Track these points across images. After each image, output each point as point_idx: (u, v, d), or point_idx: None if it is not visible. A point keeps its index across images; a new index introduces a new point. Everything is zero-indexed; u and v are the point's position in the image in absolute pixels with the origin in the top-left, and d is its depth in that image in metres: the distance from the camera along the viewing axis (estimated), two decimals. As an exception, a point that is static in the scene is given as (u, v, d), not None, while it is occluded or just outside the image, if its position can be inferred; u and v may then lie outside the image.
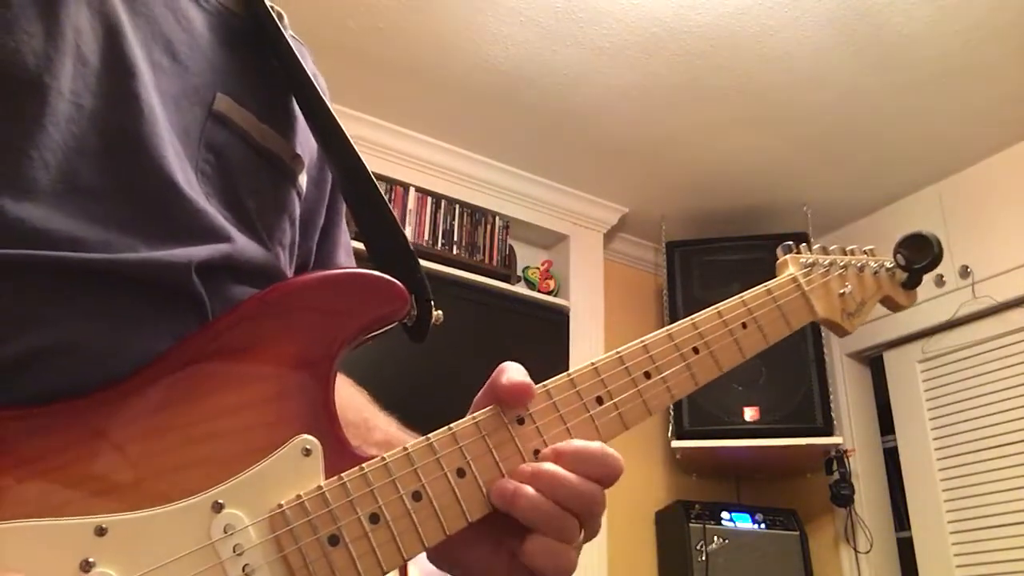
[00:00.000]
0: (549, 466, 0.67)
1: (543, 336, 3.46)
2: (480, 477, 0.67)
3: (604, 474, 0.67)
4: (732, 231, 3.83)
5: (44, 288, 0.59)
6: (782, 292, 0.90)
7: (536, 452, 0.69)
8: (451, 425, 0.68)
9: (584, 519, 0.67)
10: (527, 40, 2.92)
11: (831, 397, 3.52)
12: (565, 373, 0.73)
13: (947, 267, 3.42)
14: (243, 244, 0.71)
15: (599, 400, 0.73)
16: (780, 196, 3.73)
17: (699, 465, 3.82)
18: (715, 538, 3.37)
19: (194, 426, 0.60)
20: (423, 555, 0.73)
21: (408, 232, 3.34)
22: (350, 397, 0.89)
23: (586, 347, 3.51)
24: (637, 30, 2.86)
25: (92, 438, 0.57)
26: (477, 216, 3.60)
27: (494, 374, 0.70)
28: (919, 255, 1.01)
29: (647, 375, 0.76)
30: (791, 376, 3.54)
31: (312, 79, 0.80)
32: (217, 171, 0.73)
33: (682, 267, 3.79)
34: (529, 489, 0.65)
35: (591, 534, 0.69)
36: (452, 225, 3.51)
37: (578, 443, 0.68)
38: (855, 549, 3.55)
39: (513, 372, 0.70)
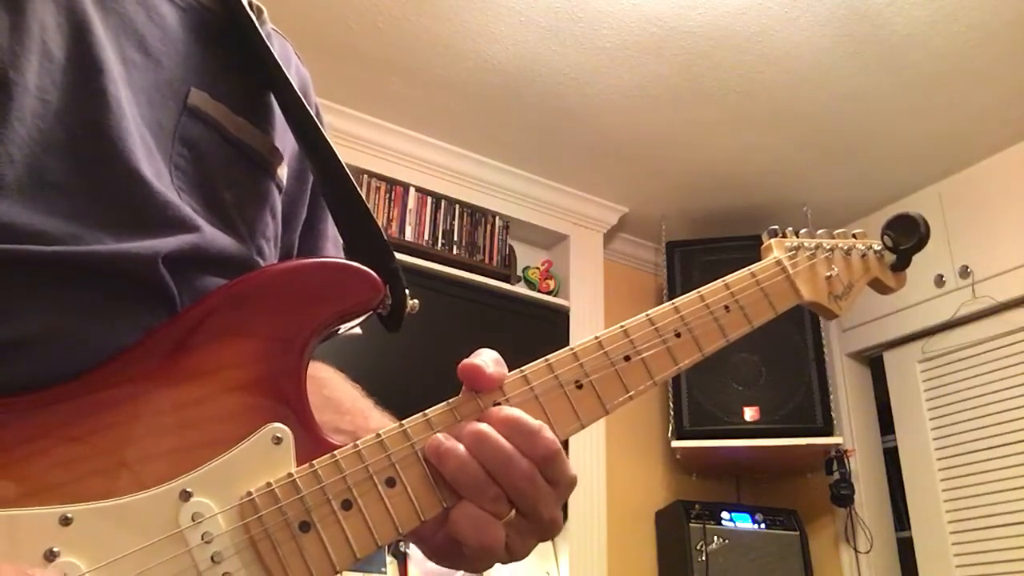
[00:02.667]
0: (482, 426, 0.66)
1: (543, 336, 3.45)
2: None
3: (533, 451, 0.65)
4: (732, 231, 3.82)
5: (11, 282, 0.60)
6: (766, 275, 0.89)
7: None
8: (426, 411, 0.68)
9: (513, 496, 0.65)
10: (527, 40, 2.92)
11: (831, 397, 3.51)
12: (543, 358, 0.73)
13: (947, 267, 3.41)
14: (213, 235, 0.71)
15: (577, 383, 0.73)
16: (780, 196, 3.73)
17: (699, 465, 3.81)
18: (715, 538, 3.37)
19: (162, 416, 0.61)
20: (423, 555, 0.73)
21: (408, 232, 3.34)
22: (344, 389, 0.89)
23: (586, 347, 3.50)
24: (637, 30, 2.86)
25: (58, 429, 0.58)
26: (477, 216, 3.60)
27: None
28: (906, 236, 1.00)
29: (627, 358, 0.76)
30: (791, 376, 3.53)
31: (285, 74, 0.80)
32: (192, 164, 0.73)
33: (682, 267, 3.79)
34: (460, 448, 0.65)
35: (538, 524, 0.67)
36: (452, 225, 3.51)
37: (517, 413, 0.67)
38: (855, 549, 3.55)
39: (474, 356, 0.70)
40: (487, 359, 0.70)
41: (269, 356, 0.65)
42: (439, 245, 3.42)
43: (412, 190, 3.44)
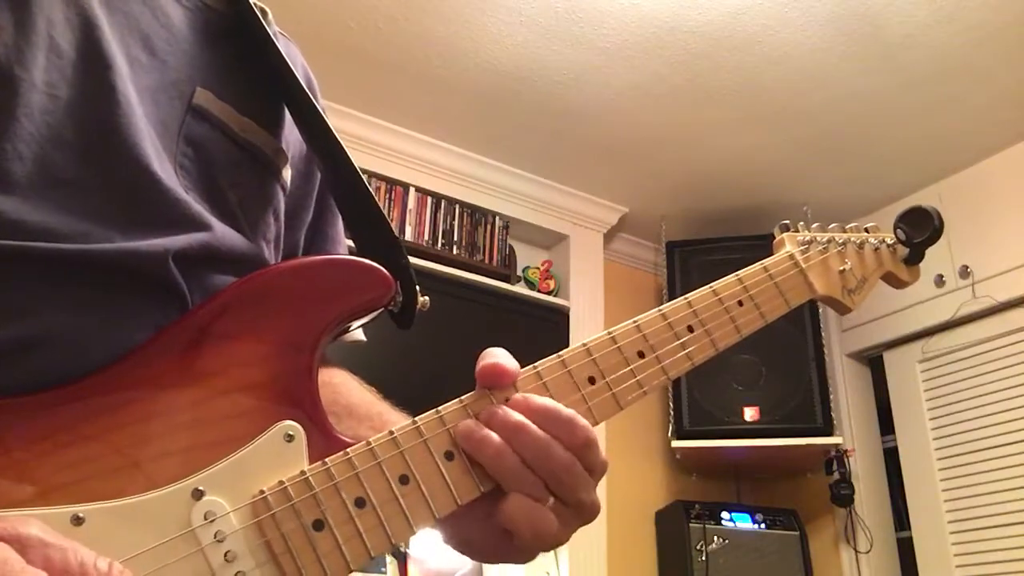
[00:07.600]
0: (517, 416, 0.66)
1: (543, 336, 3.45)
2: (468, 460, 0.66)
3: (571, 440, 0.66)
4: (732, 231, 3.82)
5: (22, 280, 0.59)
6: (779, 270, 0.88)
7: None
8: (439, 408, 0.67)
9: (552, 484, 0.65)
10: (527, 40, 2.92)
11: (831, 397, 3.51)
12: (556, 354, 0.72)
13: (947, 267, 3.41)
14: (223, 232, 0.71)
15: (591, 380, 0.72)
16: (780, 196, 3.72)
17: (699, 465, 3.81)
18: (715, 538, 3.36)
19: (173, 415, 0.60)
20: (423, 556, 0.73)
21: (408, 232, 3.34)
22: (359, 393, 0.88)
23: (586, 347, 3.49)
24: (637, 30, 2.86)
25: (69, 428, 0.57)
26: (477, 216, 3.59)
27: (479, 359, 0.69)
28: (919, 229, 0.99)
29: (640, 354, 0.75)
30: (791, 376, 3.53)
31: (294, 72, 0.79)
32: (197, 164, 0.72)
33: (682, 267, 3.79)
34: (495, 437, 0.65)
35: (578, 511, 0.67)
36: (452, 225, 3.50)
37: (550, 402, 0.67)
38: (855, 549, 3.55)
39: (490, 356, 0.69)
40: (502, 357, 0.69)
41: (281, 354, 0.65)
42: (439, 245, 3.42)
43: (412, 190, 3.43)
